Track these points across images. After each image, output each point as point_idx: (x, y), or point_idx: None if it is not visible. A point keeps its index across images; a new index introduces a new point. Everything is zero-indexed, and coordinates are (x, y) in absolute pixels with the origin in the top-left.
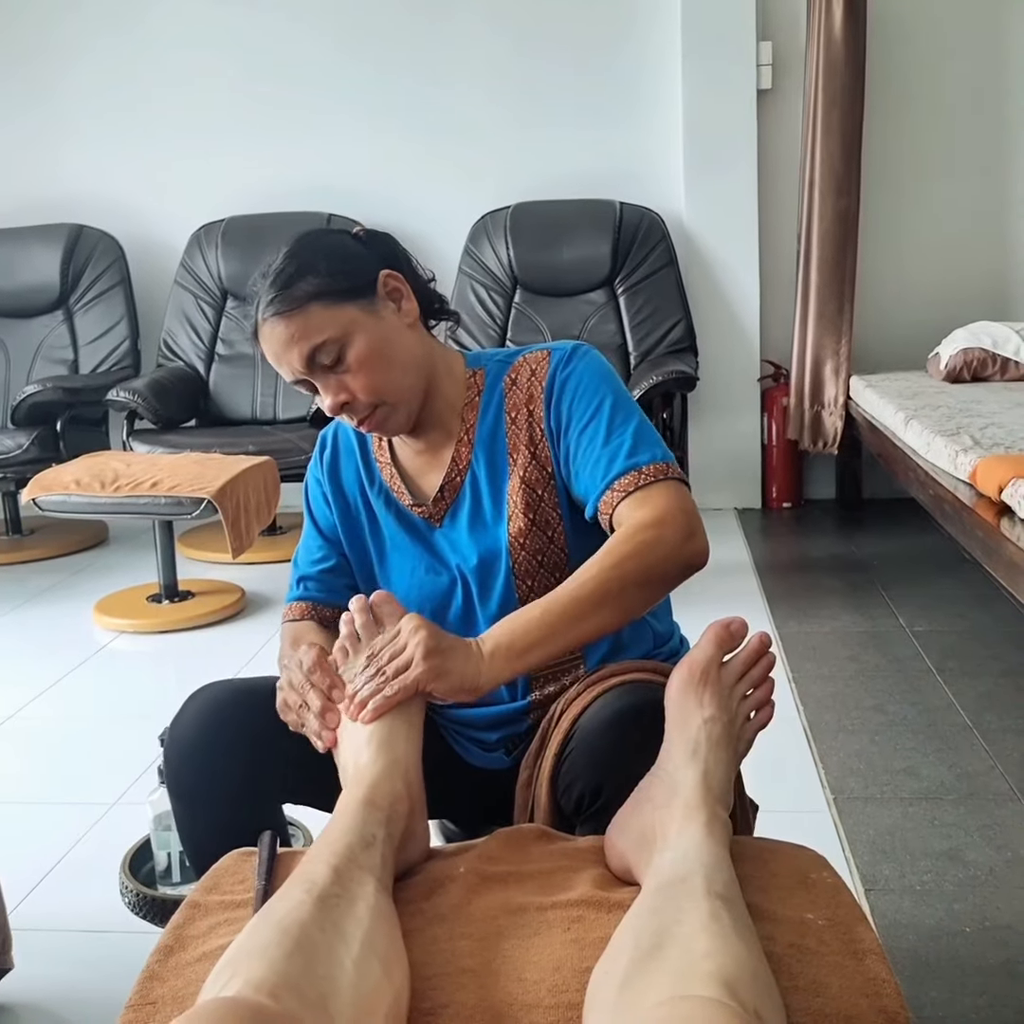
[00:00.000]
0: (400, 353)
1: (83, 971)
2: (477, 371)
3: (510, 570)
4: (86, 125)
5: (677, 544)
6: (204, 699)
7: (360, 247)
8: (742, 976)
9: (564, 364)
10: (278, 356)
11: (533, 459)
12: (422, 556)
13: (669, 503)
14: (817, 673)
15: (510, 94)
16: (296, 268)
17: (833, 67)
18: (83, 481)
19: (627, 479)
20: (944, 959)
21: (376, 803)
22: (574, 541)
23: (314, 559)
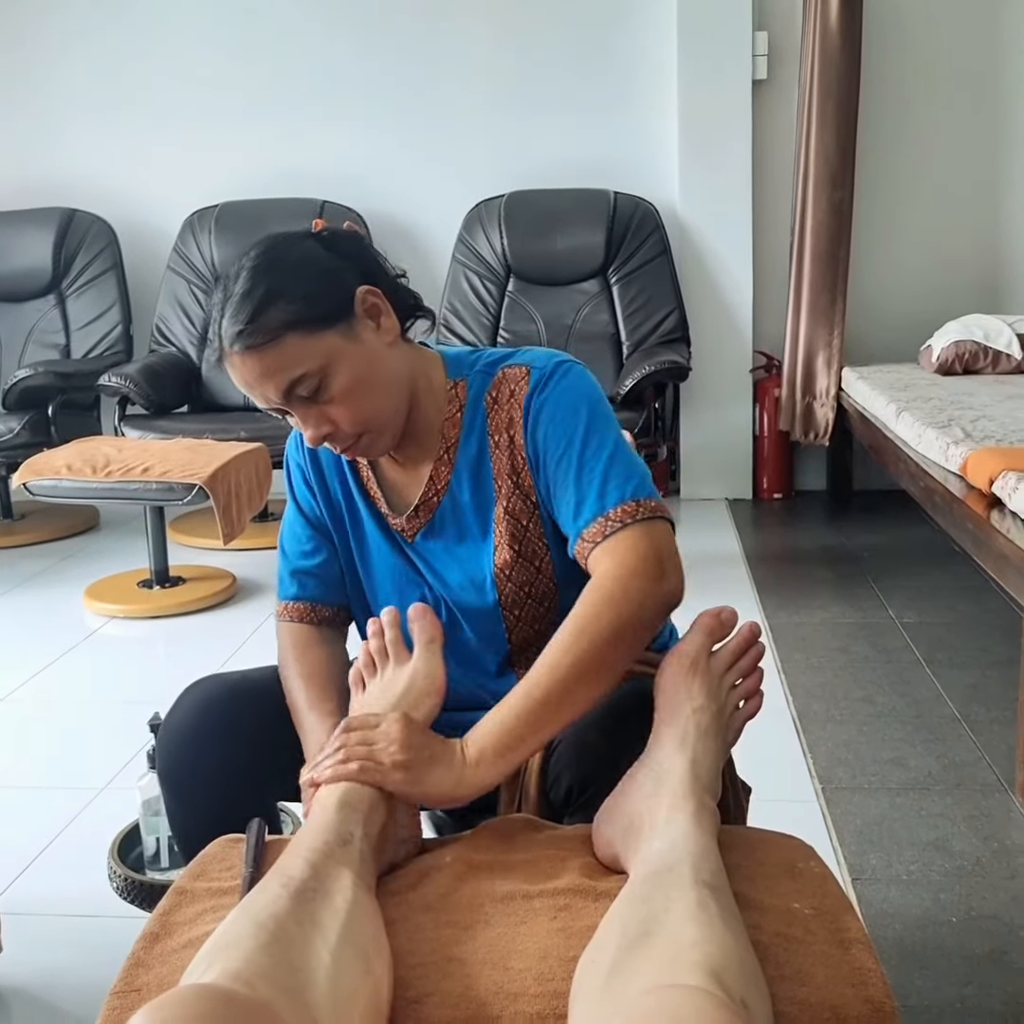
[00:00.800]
0: (383, 377)
1: (70, 956)
2: (459, 382)
3: (496, 602)
4: (79, 109)
5: (646, 590)
6: (199, 693)
7: (331, 259)
8: (729, 965)
9: (541, 388)
10: (250, 387)
11: (516, 488)
12: (401, 565)
13: (635, 549)
14: (806, 663)
15: (505, 82)
16: (265, 291)
17: (829, 58)
18: (74, 466)
19: (594, 528)
20: (930, 948)
21: (352, 805)
22: (562, 569)
23: (305, 551)
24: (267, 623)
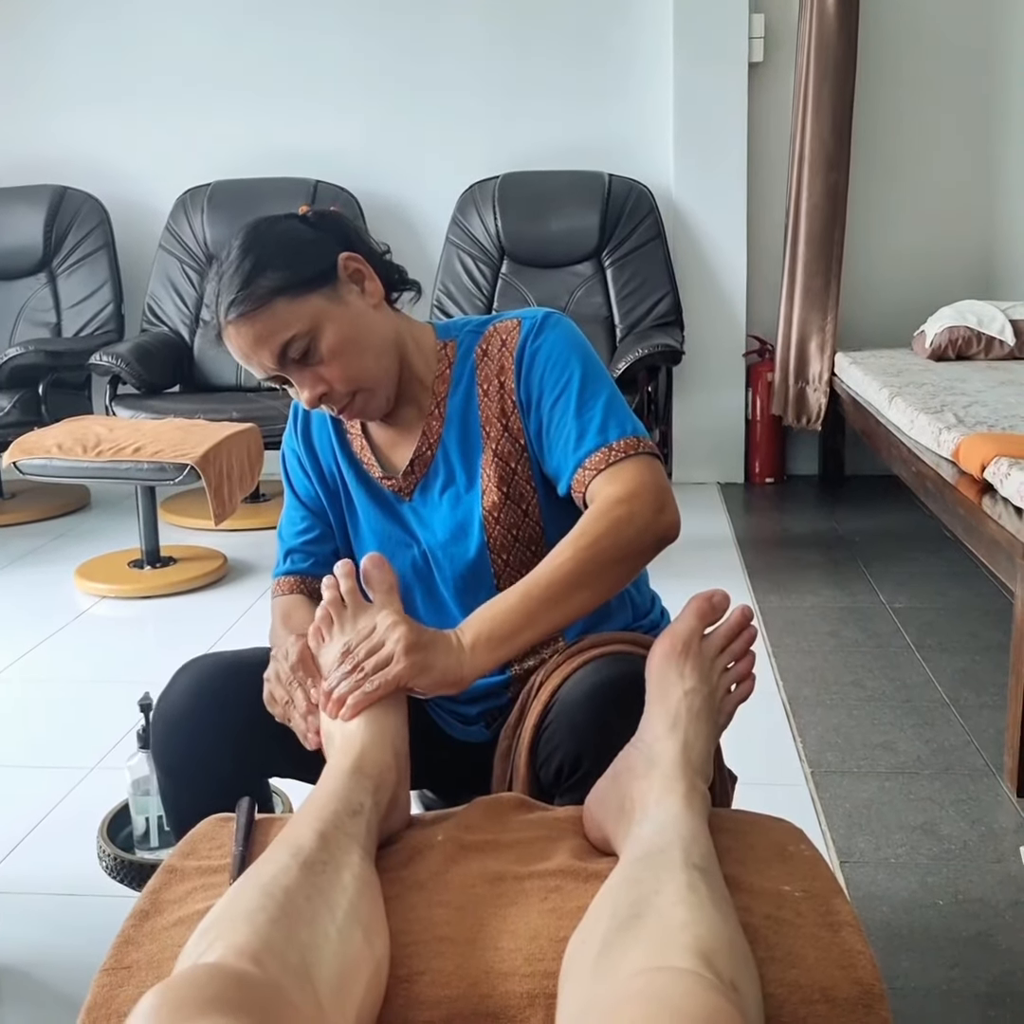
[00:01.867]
0: (371, 336)
1: (60, 934)
2: (448, 343)
3: (485, 544)
4: (72, 86)
5: (649, 518)
6: (192, 673)
7: (313, 232)
8: (719, 947)
9: (535, 335)
10: (247, 356)
11: (506, 431)
12: (392, 529)
13: (640, 478)
14: (797, 648)
15: (501, 64)
16: (254, 263)
17: (825, 41)
18: (65, 445)
19: (598, 456)
20: (917, 931)
21: (364, 771)
22: (549, 514)
23: (298, 530)
24: (258, 603)
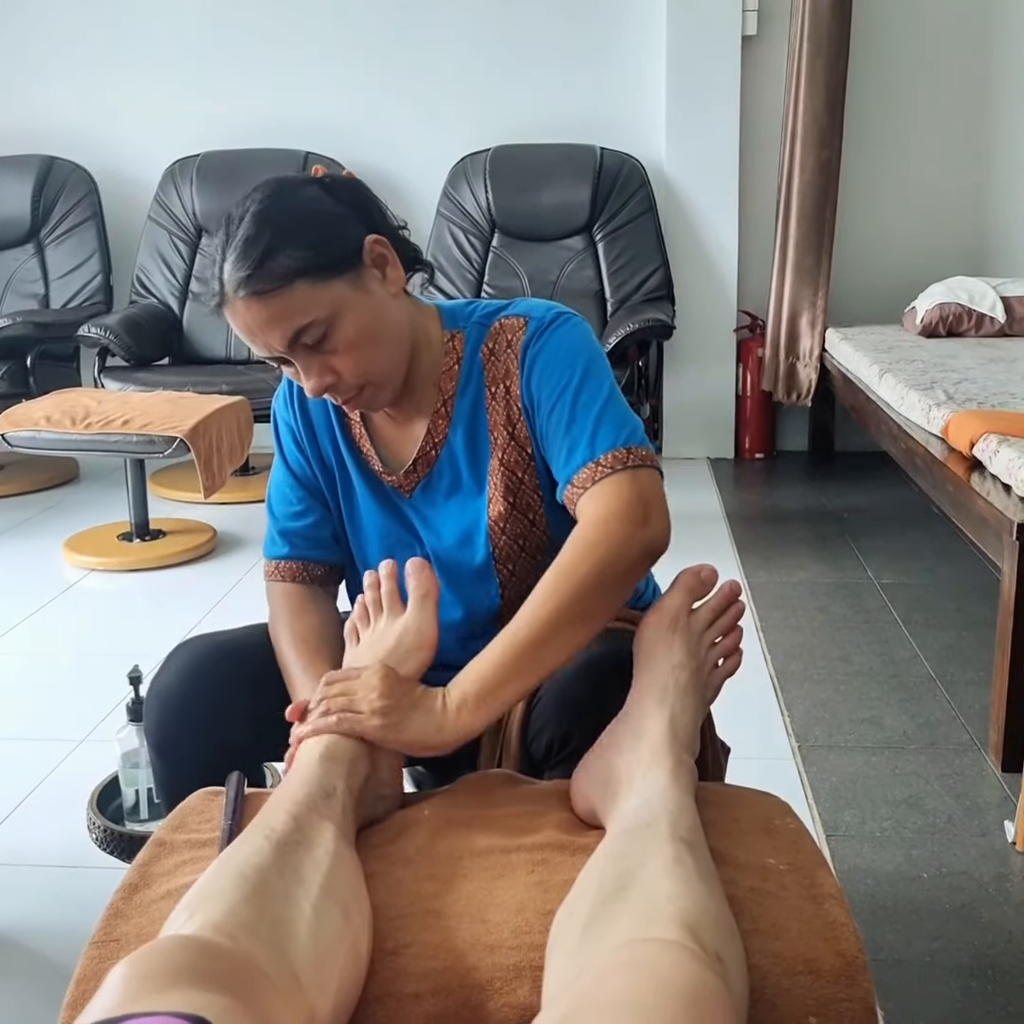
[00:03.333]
0: (388, 330)
1: (50, 905)
2: (455, 334)
3: (490, 555)
4: (60, 56)
5: (628, 535)
6: (186, 654)
7: (336, 205)
8: (703, 919)
9: (538, 337)
10: (252, 334)
11: (512, 440)
12: (392, 525)
13: (620, 495)
14: (785, 623)
15: (492, 35)
16: (272, 236)
17: (819, 15)
18: (53, 418)
19: (584, 473)
20: (901, 903)
21: (335, 758)
22: (555, 522)
23: (294, 512)
24: (247, 577)
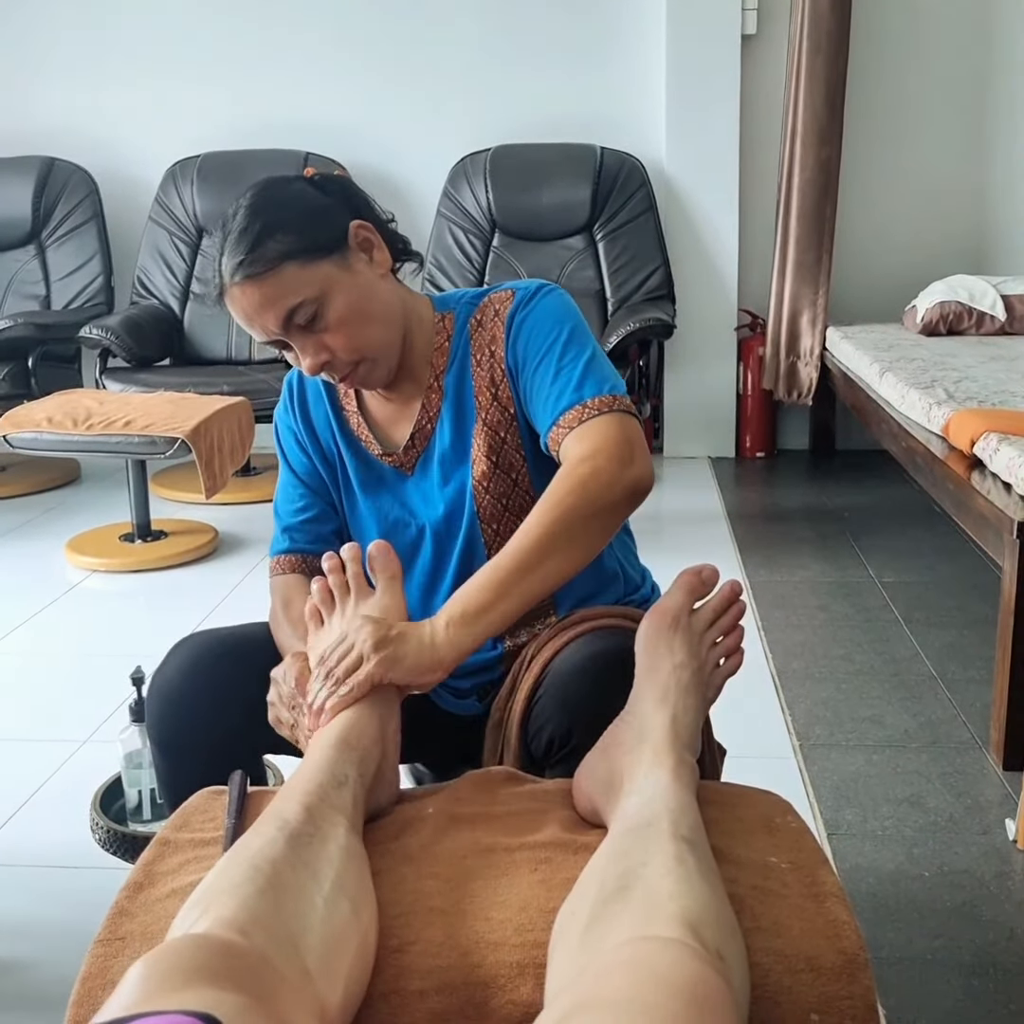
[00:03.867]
0: (378, 306)
1: (54, 906)
2: (446, 315)
3: (475, 514)
4: (59, 56)
5: (614, 472)
6: (188, 649)
7: (322, 197)
8: (705, 917)
9: (525, 303)
10: (250, 319)
11: (495, 400)
12: (391, 508)
13: (606, 433)
14: (786, 622)
15: (493, 35)
16: (263, 225)
17: (818, 14)
18: (55, 419)
19: (571, 414)
20: (903, 902)
21: (349, 743)
22: (539, 482)
23: (296, 508)
24: (249, 577)
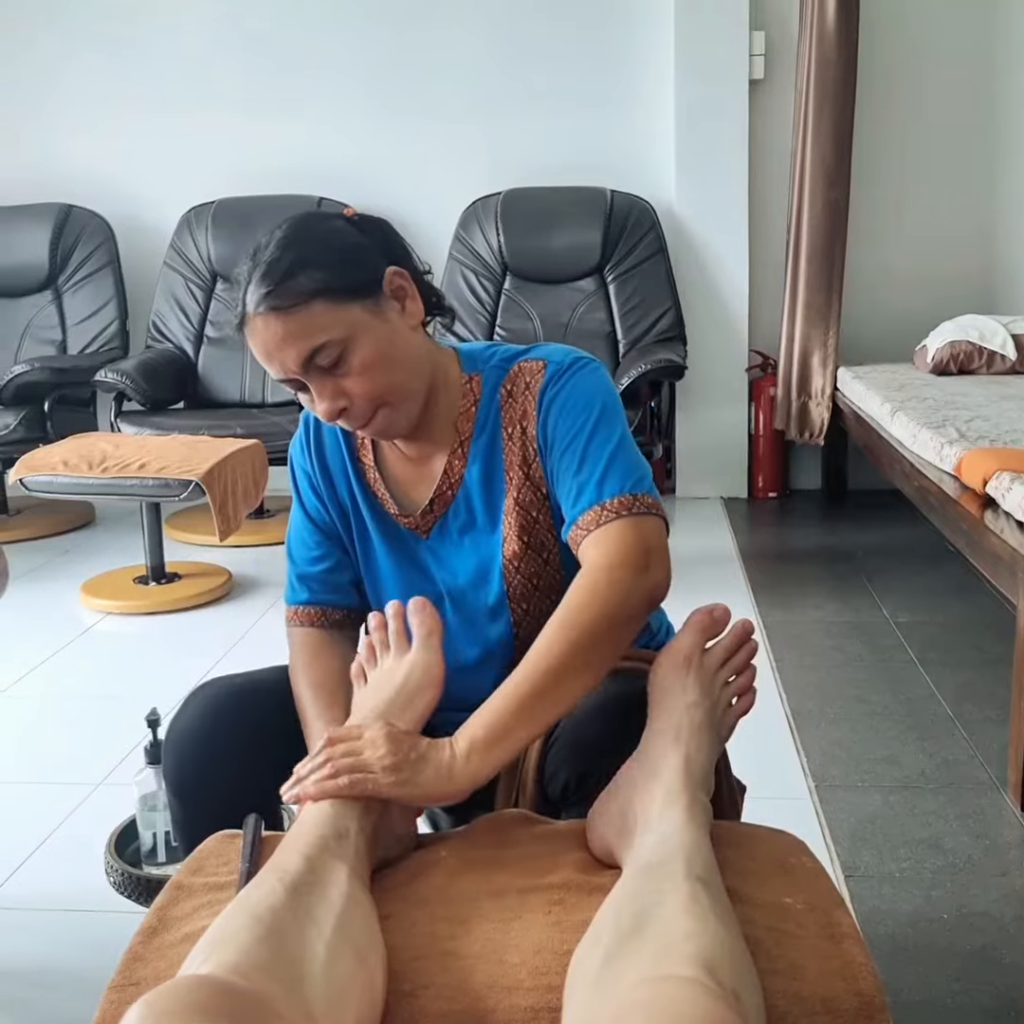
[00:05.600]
0: (404, 357)
1: (68, 950)
2: (473, 377)
3: (504, 594)
4: (76, 105)
5: (629, 582)
6: (205, 696)
7: (361, 237)
8: (721, 957)
9: (556, 380)
10: (269, 353)
11: (527, 480)
12: (407, 568)
13: (623, 540)
14: (800, 662)
15: (503, 80)
16: (295, 258)
17: (825, 58)
18: (71, 462)
19: (589, 515)
20: (921, 945)
21: (347, 799)
22: (569, 561)
23: (313, 556)
24: (263, 620)
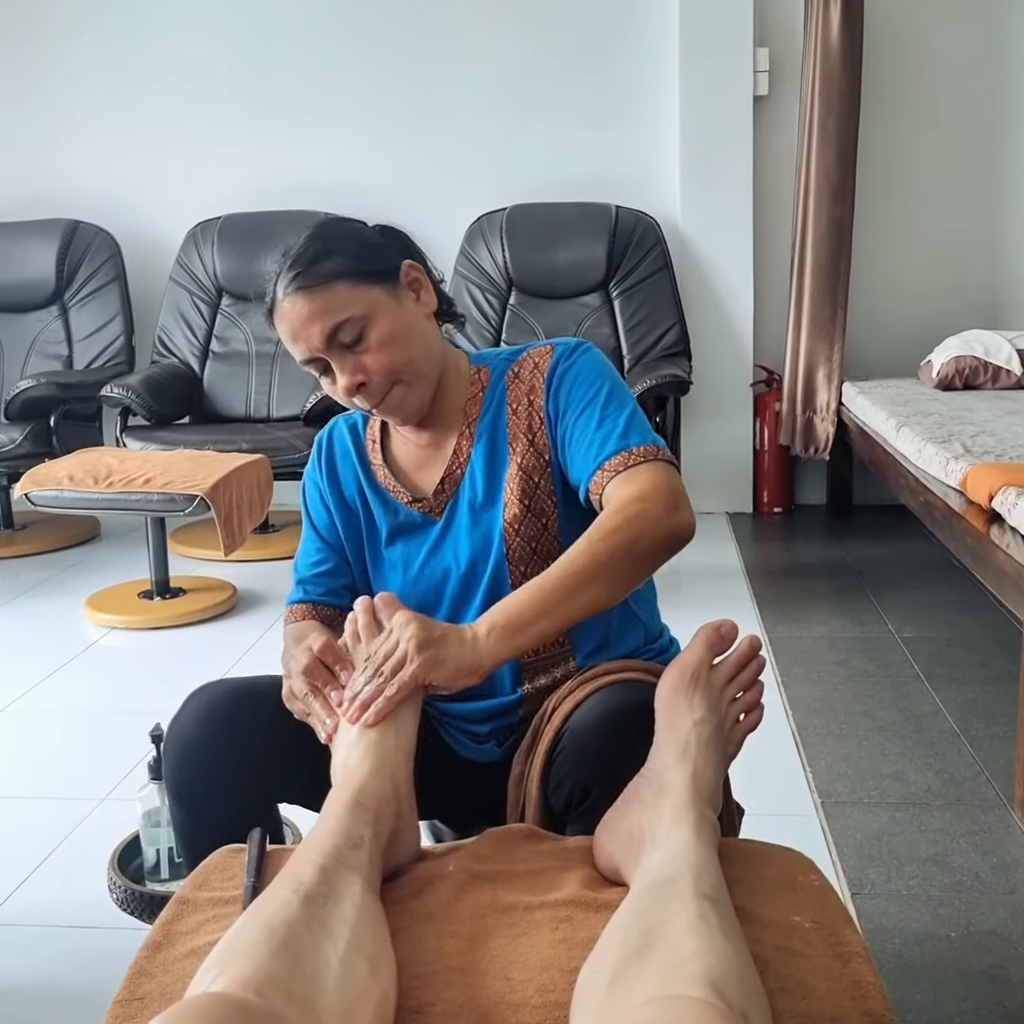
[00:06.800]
0: (420, 338)
1: (72, 966)
2: (482, 368)
3: (503, 556)
4: (83, 121)
5: (662, 516)
6: (203, 699)
7: (380, 237)
8: (729, 976)
9: (567, 356)
10: (296, 333)
11: (531, 446)
12: (419, 554)
13: (655, 480)
14: (806, 678)
15: (509, 97)
16: (322, 247)
17: (830, 74)
18: (76, 477)
19: (617, 459)
20: (929, 963)
21: (363, 804)
22: (568, 530)
23: (312, 561)
24: (268, 634)
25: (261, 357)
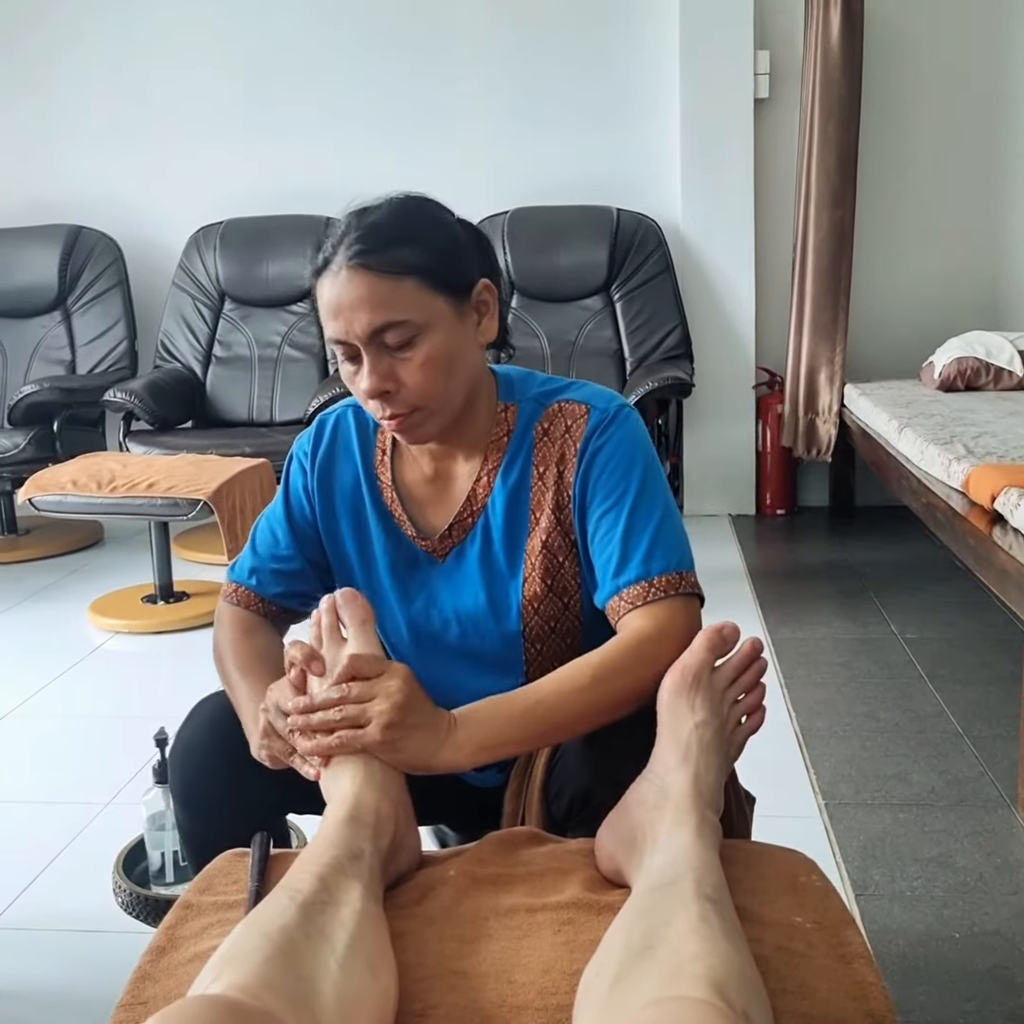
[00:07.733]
0: (464, 368)
1: (76, 970)
2: (509, 406)
3: (520, 633)
4: (85, 126)
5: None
6: (209, 707)
7: (469, 241)
8: (730, 978)
9: (601, 430)
10: (339, 309)
11: (558, 525)
12: (418, 594)
13: (674, 621)
14: (809, 679)
15: (510, 100)
16: (406, 230)
17: (830, 78)
18: (79, 481)
19: (636, 589)
20: (933, 964)
21: (361, 820)
22: (590, 608)
23: (279, 555)
24: None
25: (264, 361)
